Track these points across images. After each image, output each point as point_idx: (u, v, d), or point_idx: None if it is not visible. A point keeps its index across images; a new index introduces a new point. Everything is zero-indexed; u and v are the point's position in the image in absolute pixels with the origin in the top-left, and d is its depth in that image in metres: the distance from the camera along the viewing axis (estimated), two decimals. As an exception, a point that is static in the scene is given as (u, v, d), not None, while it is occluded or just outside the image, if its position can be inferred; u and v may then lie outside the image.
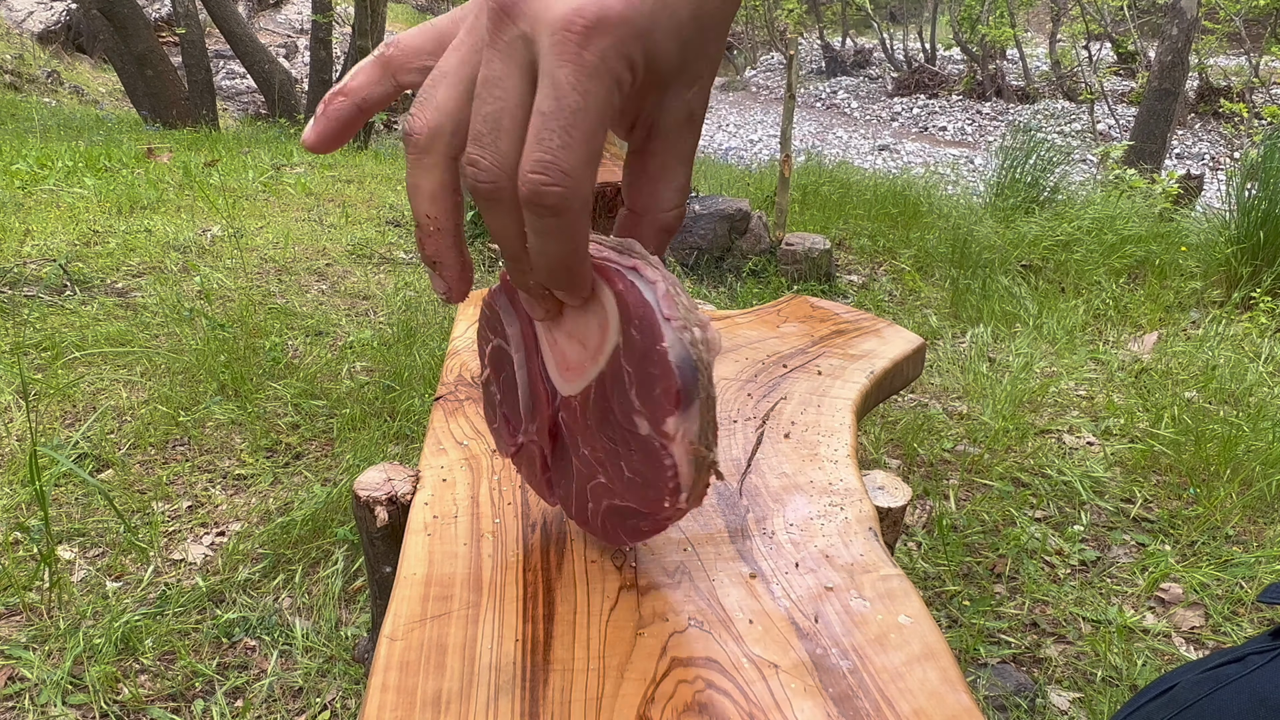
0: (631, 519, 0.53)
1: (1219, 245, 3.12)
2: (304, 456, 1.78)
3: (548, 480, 0.60)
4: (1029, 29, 14.91)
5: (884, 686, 0.52)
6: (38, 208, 3.27)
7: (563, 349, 0.49)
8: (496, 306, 0.54)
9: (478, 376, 0.64)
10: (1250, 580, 1.51)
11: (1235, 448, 1.83)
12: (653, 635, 0.56)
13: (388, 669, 0.53)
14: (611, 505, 0.53)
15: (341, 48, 8.60)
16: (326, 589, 1.39)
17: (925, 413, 2.06)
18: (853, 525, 0.68)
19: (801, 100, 12.96)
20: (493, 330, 0.55)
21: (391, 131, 9.54)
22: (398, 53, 0.41)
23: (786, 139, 3.18)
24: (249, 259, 2.88)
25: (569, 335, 0.48)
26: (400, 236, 3.39)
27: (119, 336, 2.16)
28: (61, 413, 1.84)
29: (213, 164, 4.37)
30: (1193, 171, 6.44)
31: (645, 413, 0.44)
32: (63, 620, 1.28)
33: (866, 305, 2.89)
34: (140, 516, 1.54)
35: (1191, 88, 10.20)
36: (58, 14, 10.06)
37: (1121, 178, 4.54)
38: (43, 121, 5.91)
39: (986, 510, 1.70)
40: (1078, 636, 1.39)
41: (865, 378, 0.98)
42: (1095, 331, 2.75)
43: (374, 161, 5.30)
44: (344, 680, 1.22)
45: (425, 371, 2.06)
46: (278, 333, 2.25)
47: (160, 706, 1.15)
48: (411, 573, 0.62)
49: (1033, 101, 12.14)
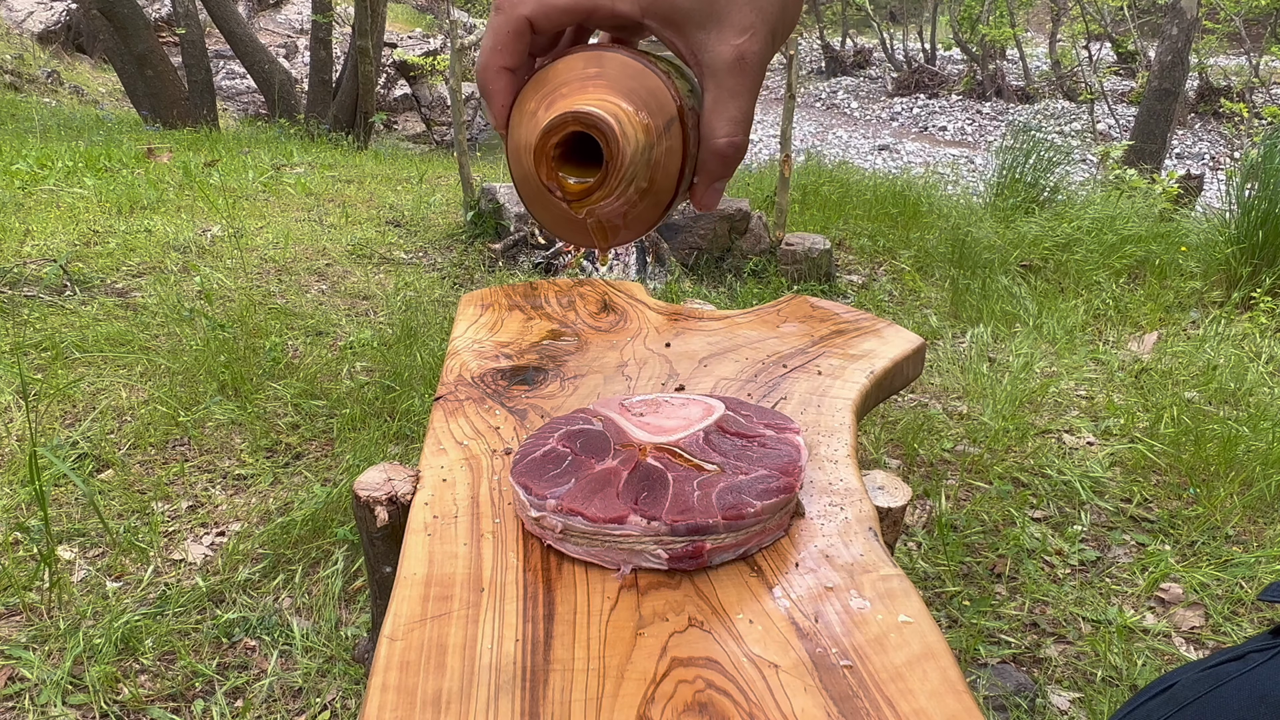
0: (759, 484, 0.67)
1: (1219, 245, 3.12)
2: (304, 456, 1.78)
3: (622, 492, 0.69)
4: (1029, 29, 14.91)
5: (884, 686, 0.52)
6: (38, 208, 3.27)
7: (656, 424, 0.75)
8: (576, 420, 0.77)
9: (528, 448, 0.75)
10: (1250, 580, 1.51)
11: (1235, 448, 1.83)
12: (653, 635, 0.56)
13: (388, 669, 0.53)
14: (729, 485, 0.66)
15: (341, 48, 8.60)
16: (326, 589, 1.39)
17: (925, 413, 2.06)
18: (853, 525, 0.68)
19: (801, 100, 12.96)
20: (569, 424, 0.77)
21: (392, 131, 9.54)
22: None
23: (786, 139, 3.18)
24: (249, 259, 2.88)
25: (665, 418, 0.77)
26: (400, 236, 3.39)
27: (119, 336, 2.16)
28: (61, 413, 1.84)
29: (213, 164, 4.37)
30: (1193, 171, 6.44)
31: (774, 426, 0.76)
32: (63, 620, 1.28)
33: (866, 305, 2.89)
34: (140, 516, 1.54)
35: (1191, 88, 10.20)
36: (58, 14, 10.06)
37: (1121, 178, 4.54)
38: (43, 121, 5.91)
39: (986, 510, 1.70)
40: (1078, 636, 1.39)
41: (865, 378, 0.98)
42: (1095, 331, 2.75)
43: (374, 161, 5.30)
44: (344, 680, 1.22)
45: (425, 371, 2.06)
46: (278, 333, 2.25)
47: (160, 706, 1.15)
48: (411, 573, 0.62)
49: (1033, 101, 12.13)
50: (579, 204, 0.49)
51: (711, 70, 0.47)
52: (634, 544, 0.61)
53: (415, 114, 10.42)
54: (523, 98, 0.50)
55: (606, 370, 1.00)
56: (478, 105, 11.06)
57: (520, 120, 0.50)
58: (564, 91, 0.48)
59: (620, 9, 0.46)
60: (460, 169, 3.46)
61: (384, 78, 9.83)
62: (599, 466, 0.67)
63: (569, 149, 0.48)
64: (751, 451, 0.70)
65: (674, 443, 0.70)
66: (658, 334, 1.12)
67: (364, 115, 6.77)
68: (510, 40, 0.47)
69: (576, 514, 0.62)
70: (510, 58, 0.48)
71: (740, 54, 0.46)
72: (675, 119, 0.48)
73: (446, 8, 11.13)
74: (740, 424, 0.75)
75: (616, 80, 0.48)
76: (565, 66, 0.49)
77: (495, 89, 0.49)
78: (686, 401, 0.78)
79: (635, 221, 0.53)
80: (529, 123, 0.49)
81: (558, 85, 0.49)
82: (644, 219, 0.53)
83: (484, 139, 10.03)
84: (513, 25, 0.47)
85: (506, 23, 0.47)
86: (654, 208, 0.52)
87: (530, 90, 0.50)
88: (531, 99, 0.49)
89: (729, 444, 0.71)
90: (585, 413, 0.77)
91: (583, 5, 0.46)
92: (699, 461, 0.68)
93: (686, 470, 0.67)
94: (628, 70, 0.48)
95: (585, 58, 0.49)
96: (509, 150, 0.52)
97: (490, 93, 0.49)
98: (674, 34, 0.47)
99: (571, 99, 0.48)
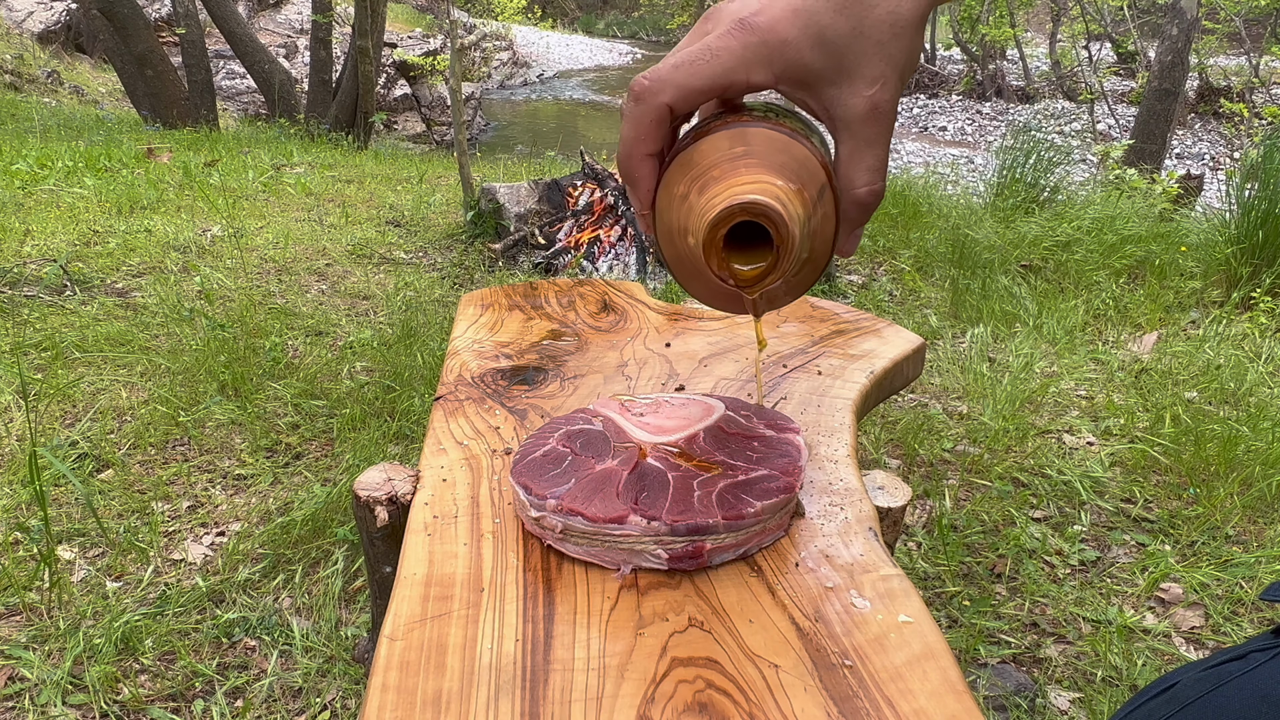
0: (759, 484, 0.67)
1: (1219, 245, 3.11)
2: (304, 456, 1.78)
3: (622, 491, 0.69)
4: (1029, 29, 14.90)
5: (884, 686, 0.52)
6: (38, 208, 3.27)
7: (656, 424, 0.74)
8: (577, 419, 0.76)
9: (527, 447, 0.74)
10: (1250, 580, 1.51)
11: (1235, 448, 1.83)
12: (653, 635, 0.56)
13: (388, 669, 0.53)
14: (729, 484, 0.65)
15: (341, 48, 8.60)
16: (326, 589, 1.39)
17: (925, 413, 2.06)
18: (853, 525, 0.68)
19: (801, 100, 12.94)
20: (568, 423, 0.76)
21: (392, 131, 9.54)
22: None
23: (786, 139, 3.18)
24: (249, 259, 2.88)
25: (666, 418, 0.75)
26: (400, 236, 3.39)
27: (119, 336, 2.16)
28: (61, 413, 1.84)
29: (213, 164, 4.37)
30: (1193, 171, 6.44)
31: (774, 426, 0.75)
32: (63, 620, 1.28)
33: (866, 305, 2.89)
34: (140, 516, 1.54)
35: (1191, 88, 10.19)
36: (58, 14, 10.06)
37: (1121, 178, 4.54)
38: (43, 121, 5.91)
39: (986, 510, 1.70)
40: (1078, 636, 1.39)
41: (865, 378, 0.98)
42: (1095, 331, 2.75)
43: (374, 162, 5.30)
44: (344, 680, 1.22)
45: (425, 371, 2.06)
46: (278, 333, 2.25)
47: (160, 706, 1.15)
48: (411, 573, 0.62)
49: (1033, 101, 12.13)
50: (753, 289, 0.50)
51: (845, 123, 0.47)
52: (634, 544, 0.61)
53: (415, 114, 10.42)
54: (669, 180, 0.50)
55: (606, 370, 1.00)
56: (478, 105, 11.06)
57: (669, 203, 0.50)
58: (715, 174, 0.48)
59: (755, 80, 0.47)
60: (460, 169, 3.46)
61: (384, 78, 9.83)
62: (599, 466, 0.67)
63: (730, 232, 0.48)
64: (751, 451, 0.70)
65: (674, 443, 0.70)
66: (658, 334, 1.12)
67: (364, 115, 6.77)
68: (654, 129, 0.48)
69: (576, 514, 0.62)
70: (654, 144, 0.49)
71: (874, 105, 0.46)
72: (826, 185, 0.49)
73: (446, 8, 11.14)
74: (740, 424, 0.75)
75: (766, 156, 0.48)
76: (711, 147, 0.49)
77: (641, 175, 0.50)
78: (686, 401, 0.78)
79: (796, 287, 0.54)
80: (680, 206, 0.50)
81: (707, 168, 0.49)
82: (803, 283, 0.54)
83: (484, 139, 10.03)
84: (655, 115, 0.47)
85: (649, 112, 0.47)
86: (813, 272, 0.53)
87: (677, 173, 0.50)
88: (679, 182, 0.49)
89: (729, 444, 0.71)
90: (585, 413, 0.77)
91: (719, 84, 0.47)
92: (699, 462, 0.68)
93: (686, 470, 0.67)
94: (775, 145, 0.48)
95: (730, 136, 0.48)
96: (658, 232, 0.52)
97: (636, 179, 0.50)
98: (807, 94, 0.47)
99: (727, 182, 0.48)
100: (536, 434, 0.74)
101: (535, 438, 0.73)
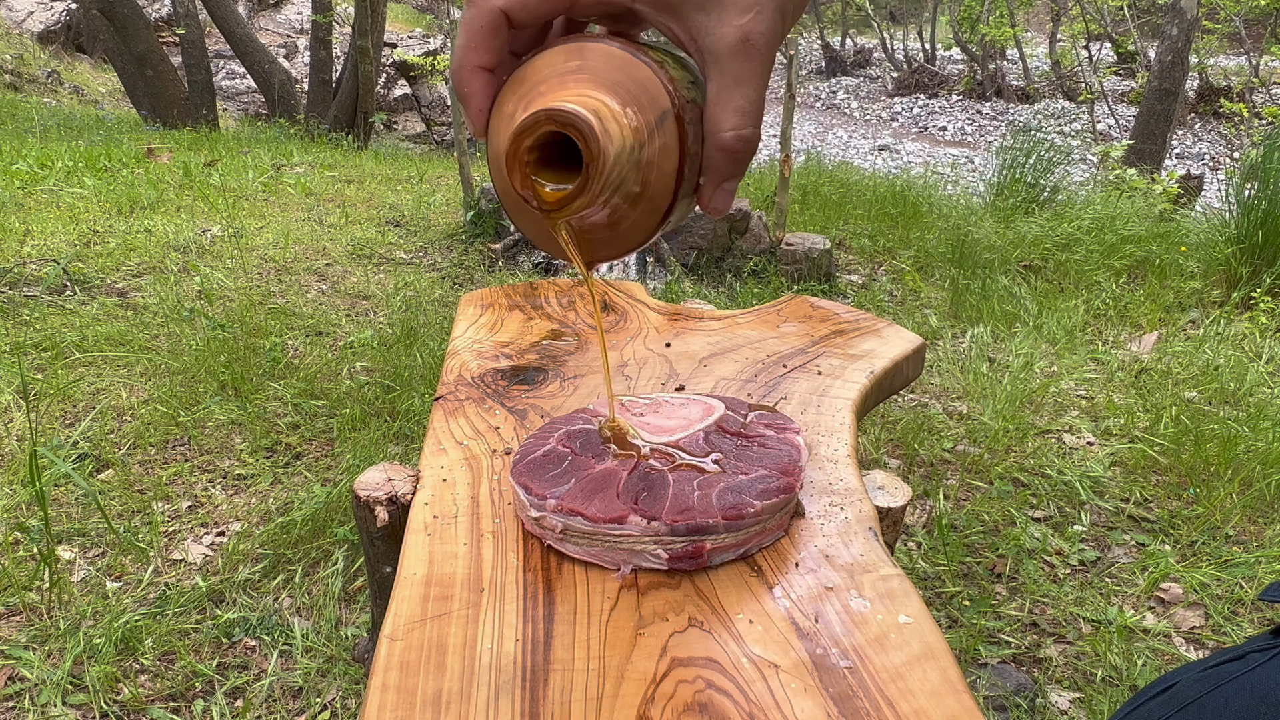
0: (759, 484, 0.66)
1: (1219, 245, 3.11)
2: (304, 456, 1.78)
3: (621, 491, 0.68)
4: (1029, 29, 14.90)
5: (884, 686, 0.52)
6: (38, 208, 3.27)
7: (656, 424, 0.75)
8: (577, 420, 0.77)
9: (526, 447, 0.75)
10: (1250, 580, 1.51)
11: (1235, 448, 1.83)
12: (653, 635, 0.56)
13: (388, 669, 0.53)
14: (729, 484, 0.65)
15: (341, 48, 8.60)
16: (326, 589, 1.39)
17: (925, 413, 2.06)
18: (853, 525, 0.68)
19: (801, 100, 12.96)
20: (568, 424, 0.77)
21: (392, 131, 9.54)
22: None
23: (786, 139, 3.18)
24: (249, 259, 2.88)
25: (666, 418, 0.77)
26: (400, 236, 3.39)
27: (119, 336, 2.16)
28: (61, 413, 1.84)
29: (213, 164, 4.37)
30: (1193, 171, 6.44)
31: (774, 426, 0.76)
32: (63, 620, 1.28)
33: (866, 305, 2.89)
34: (140, 516, 1.54)
35: (1191, 88, 10.19)
36: (58, 14, 10.05)
37: (1121, 178, 4.54)
38: (43, 121, 5.91)
39: (986, 510, 1.70)
40: (1078, 636, 1.39)
41: (865, 378, 0.98)
42: (1095, 331, 2.75)
43: (374, 161, 5.29)
44: (344, 680, 1.22)
45: (425, 371, 2.06)
46: (278, 333, 2.25)
47: (160, 706, 1.15)
48: (411, 573, 0.62)
49: (1033, 101, 12.13)
50: (558, 213, 0.43)
51: (714, 56, 0.41)
52: (634, 544, 0.61)
53: (415, 114, 10.42)
54: (501, 99, 0.44)
55: (606, 370, 1.00)
56: (478, 105, 11.04)
57: (499, 125, 0.44)
58: (542, 89, 0.43)
59: None
60: (460, 169, 3.46)
61: (384, 78, 9.83)
62: (599, 466, 0.67)
63: (550, 154, 0.43)
64: (751, 451, 0.70)
65: (674, 443, 0.71)
66: (658, 334, 1.12)
67: (364, 115, 6.77)
68: (485, 36, 0.42)
69: (576, 514, 0.62)
70: (486, 55, 0.42)
71: (745, 35, 0.40)
72: (669, 113, 0.43)
73: (446, 8, 11.11)
74: (740, 424, 0.75)
75: (599, 73, 0.42)
76: (544, 62, 0.43)
77: (471, 91, 0.43)
78: (686, 401, 0.78)
79: (628, 232, 0.47)
80: (507, 126, 0.44)
81: (536, 83, 0.43)
82: (638, 228, 0.46)
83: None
84: (486, 19, 0.41)
85: (479, 16, 0.41)
86: (649, 215, 0.45)
87: (509, 91, 0.44)
88: (510, 100, 0.44)
89: (729, 444, 0.71)
90: (585, 413, 0.77)
91: None
92: (699, 462, 0.68)
93: (686, 470, 0.67)
94: (612, 61, 0.42)
95: (566, 50, 0.43)
96: (489, 158, 0.46)
97: (466, 95, 0.43)
98: (669, 18, 0.42)
99: (549, 96, 0.42)
100: (536, 434, 0.74)
101: (535, 438, 0.73)
